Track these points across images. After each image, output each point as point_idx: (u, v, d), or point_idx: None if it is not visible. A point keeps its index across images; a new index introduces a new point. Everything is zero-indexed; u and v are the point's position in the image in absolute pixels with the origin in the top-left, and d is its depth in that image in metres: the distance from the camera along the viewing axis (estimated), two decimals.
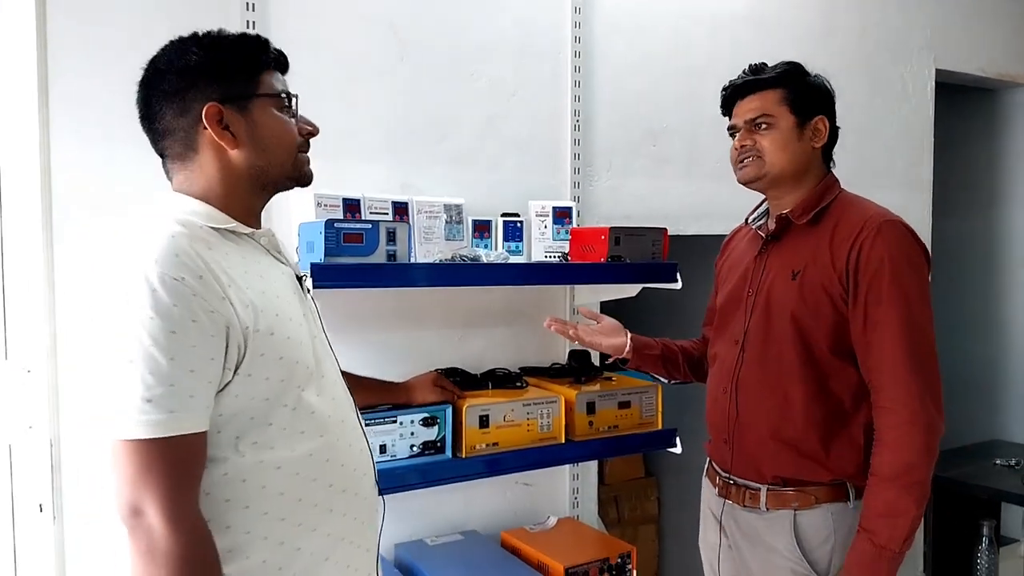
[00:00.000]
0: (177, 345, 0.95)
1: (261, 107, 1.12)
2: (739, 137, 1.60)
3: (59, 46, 1.66)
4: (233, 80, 1.10)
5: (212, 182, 1.11)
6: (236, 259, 1.07)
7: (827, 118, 1.58)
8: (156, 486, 0.95)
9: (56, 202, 1.66)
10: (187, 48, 1.11)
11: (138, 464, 0.95)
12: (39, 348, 1.60)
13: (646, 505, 3.32)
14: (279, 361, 1.05)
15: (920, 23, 3.01)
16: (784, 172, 1.56)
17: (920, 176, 3.06)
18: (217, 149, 1.10)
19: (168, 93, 1.09)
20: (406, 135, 2.07)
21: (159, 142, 1.13)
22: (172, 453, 0.96)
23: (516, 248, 2.06)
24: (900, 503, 1.40)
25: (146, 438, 0.94)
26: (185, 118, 1.09)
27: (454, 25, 2.11)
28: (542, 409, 1.89)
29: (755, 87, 1.58)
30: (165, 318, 0.95)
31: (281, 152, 1.14)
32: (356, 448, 1.17)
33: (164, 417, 0.95)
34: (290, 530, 1.06)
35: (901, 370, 1.42)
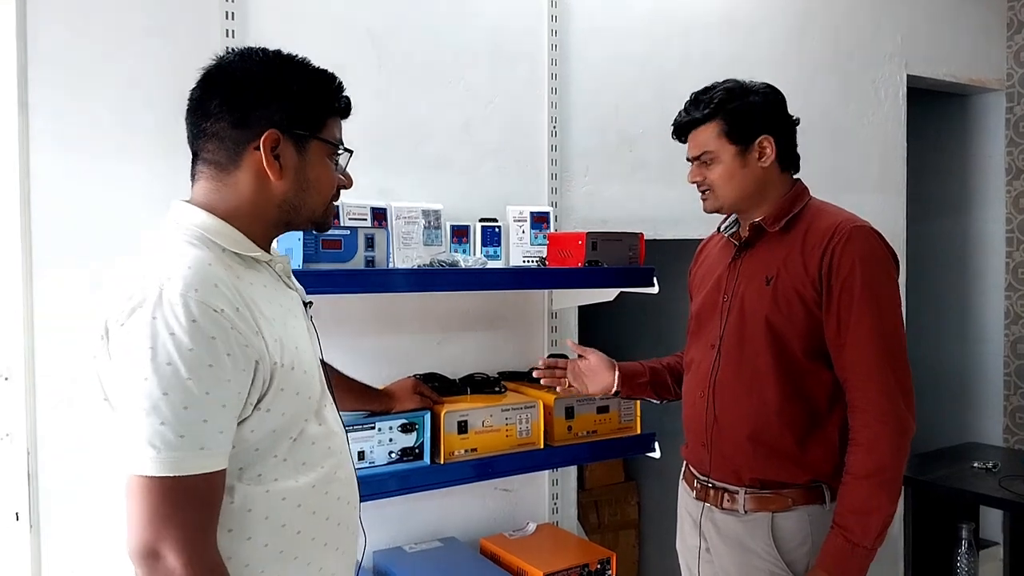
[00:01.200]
0: (214, 379, 0.91)
1: (317, 149, 1.09)
2: (690, 172, 1.65)
3: (38, 57, 1.65)
4: (302, 114, 1.07)
5: (243, 203, 1.06)
6: (260, 289, 1.04)
7: (773, 134, 1.58)
8: (178, 527, 0.90)
9: (35, 211, 1.64)
10: (273, 63, 1.07)
11: (160, 502, 0.90)
12: (16, 357, 1.59)
13: (626, 510, 3.32)
14: (295, 396, 1.03)
15: (890, 29, 3.05)
16: (738, 199, 1.60)
17: (894, 180, 3.10)
18: (260, 174, 1.05)
19: (232, 98, 1.04)
20: (384, 141, 2.06)
21: (199, 140, 1.07)
22: (197, 491, 0.91)
23: (494, 253, 2.07)
24: (873, 500, 1.43)
25: (172, 475, 0.90)
26: (240, 131, 1.04)
27: (431, 32, 2.11)
28: (521, 414, 1.89)
29: (694, 124, 1.62)
30: (205, 350, 0.91)
31: (318, 197, 1.11)
32: (348, 479, 1.14)
33: (194, 453, 0.91)
34: (287, 564, 1.03)
35: (874, 370, 1.45)
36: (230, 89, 1.04)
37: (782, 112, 1.63)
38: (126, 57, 1.73)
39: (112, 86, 1.72)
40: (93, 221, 1.70)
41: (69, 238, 1.67)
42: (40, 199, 1.65)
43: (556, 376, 1.84)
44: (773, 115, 1.61)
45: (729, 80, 1.63)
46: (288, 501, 1.02)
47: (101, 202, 1.70)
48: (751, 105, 1.59)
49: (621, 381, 1.79)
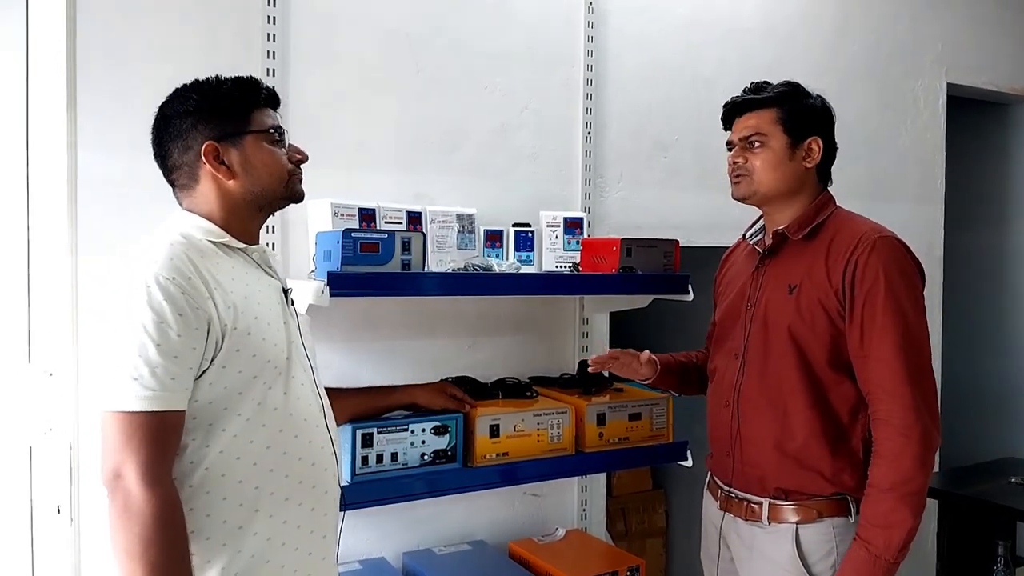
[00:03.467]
0: (163, 334, 1.10)
1: (253, 142, 1.26)
2: (732, 154, 1.64)
3: (86, 59, 1.69)
4: (227, 120, 1.25)
5: (213, 207, 1.26)
6: (225, 268, 1.22)
7: (822, 139, 1.60)
8: (135, 453, 1.07)
9: (80, 210, 1.68)
10: (188, 95, 1.27)
11: (122, 433, 1.08)
12: (62, 353, 1.63)
13: (654, 518, 3.30)
14: (252, 358, 1.18)
15: (932, 37, 3.01)
16: (774, 191, 1.59)
17: (932, 189, 3.05)
18: (216, 180, 1.25)
19: (173, 135, 1.26)
20: (420, 145, 2.08)
21: (169, 175, 1.29)
22: (152, 426, 1.09)
23: (527, 258, 2.07)
24: (896, 514, 1.42)
25: (130, 411, 1.08)
26: (187, 155, 1.25)
27: (468, 37, 2.13)
28: (552, 420, 1.89)
29: (752, 105, 1.61)
30: (156, 311, 1.10)
31: (272, 180, 1.28)
32: (316, 445, 1.27)
33: (148, 394, 1.08)
34: (248, 515, 1.17)
35: (897, 383, 1.44)
36: (168, 127, 1.26)
37: (832, 125, 1.64)
38: (168, 61, 1.76)
39: (154, 88, 1.73)
40: (135, 219, 1.72)
41: (112, 236, 1.70)
42: (86, 197, 1.69)
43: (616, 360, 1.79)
44: (826, 123, 1.62)
45: (791, 80, 1.65)
46: (243, 460, 1.17)
47: (142, 201, 1.73)
48: (810, 105, 1.61)
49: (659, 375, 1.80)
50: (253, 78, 1.30)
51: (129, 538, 1.06)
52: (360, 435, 1.67)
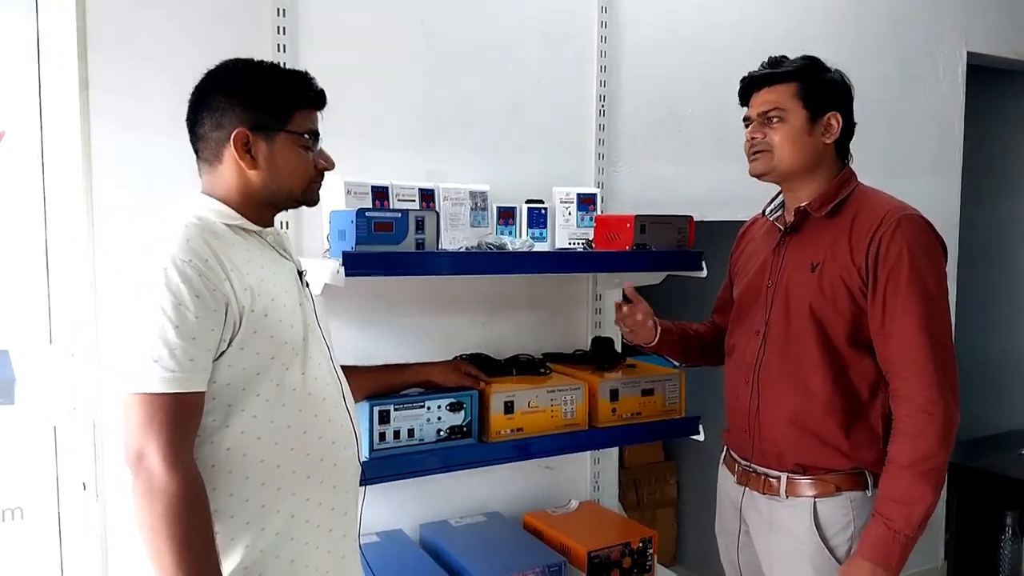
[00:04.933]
0: (182, 316, 1.11)
1: (285, 141, 1.26)
2: (751, 129, 1.62)
3: (98, 38, 1.68)
4: (266, 112, 1.25)
5: (230, 190, 1.26)
6: (241, 250, 1.22)
7: (841, 114, 1.58)
8: (157, 434, 1.09)
9: (97, 191, 1.69)
10: (237, 73, 1.27)
11: (143, 414, 1.10)
12: (82, 333, 1.66)
13: (665, 488, 3.34)
14: (269, 339, 1.20)
15: (951, 5, 2.95)
16: (793, 167, 1.58)
17: (949, 162, 3.01)
18: (237, 166, 1.25)
19: (210, 107, 1.25)
20: (432, 122, 2.07)
21: (195, 143, 1.29)
22: (173, 407, 1.10)
23: (540, 235, 2.07)
24: (916, 490, 1.43)
25: (151, 392, 1.09)
26: (218, 132, 1.24)
27: (480, 12, 2.10)
28: (566, 396, 1.91)
29: (771, 80, 1.59)
30: (174, 293, 1.11)
31: (292, 182, 1.29)
32: (336, 423, 1.29)
33: (168, 376, 1.10)
34: (270, 494, 1.19)
35: (919, 360, 1.44)
36: (208, 97, 1.25)
37: (851, 101, 1.62)
38: (180, 41, 1.76)
39: (165, 67, 1.74)
40: (151, 200, 1.73)
41: (129, 217, 1.72)
42: (102, 180, 1.70)
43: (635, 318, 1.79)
44: (845, 98, 1.61)
45: (810, 55, 1.63)
46: (263, 440, 1.19)
47: (158, 182, 1.74)
48: (829, 80, 1.60)
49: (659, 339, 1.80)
50: (306, 76, 1.29)
51: (154, 516, 1.09)
52: (377, 412, 1.70)
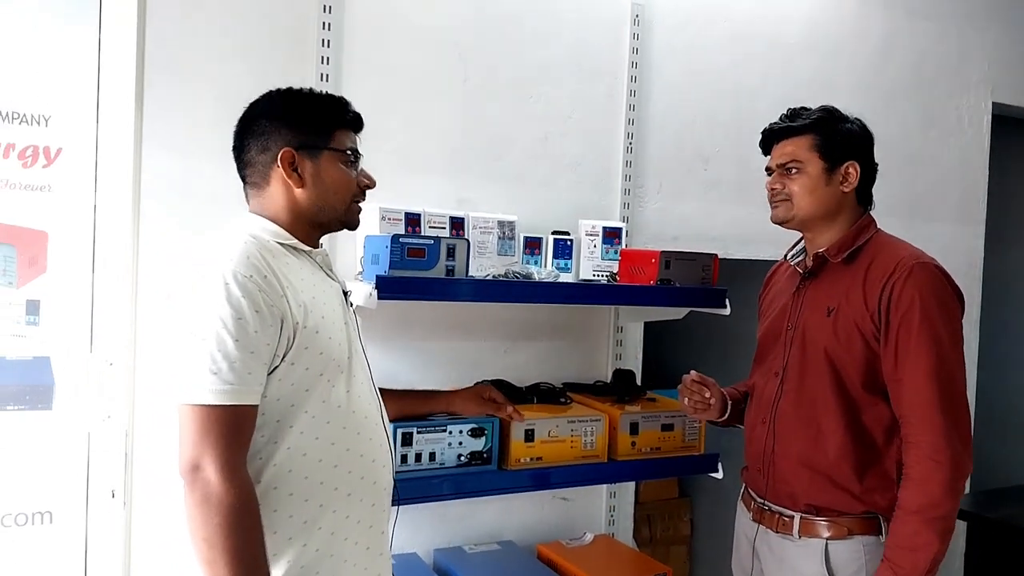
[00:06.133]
0: (241, 330, 1.14)
1: (329, 158, 1.32)
2: (770, 180, 1.67)
3: (153, 65, 1.76)
4: (309, 132, 1.30)
5: (279, 210, 1.31)
6: (295, 268, 1.26)
7: (860, 162, 1.62)
8: (213, 445, 1.11)
9: (144, 208, 1.76)
10: (278, 99, 1.34)
11: (200, 426, 1.12)
12: (122, 343, 1.71)
13: (679, 525, 3.32)
14: (319, 356, 1.23)
15: (978, 55, 2.99)
16: (812, 215, 1.62)
17: (973, 209, 3.03)
18: (285, 185, 1.30)
19: (255, 133, 1.31)
20: (465, 153, 2.13)
21: (242, 170, 1.35)
22: (230, 419, 1.12)
23: (565, 265, 2.11)
24: (922, 537, 1.44)
25: (209, 404, 1.12)
26: (264, 155, 1.30)
27: (515, 48, 2.17)
28: (586, 427, 1.93)
29: (788, 133, 1.64)
30: (235, 307, 1.14)
31: (337, 198, 1.34)
32: (376, 442, 1.32)
33: (226, 388, 1.12)
34: (312, 510, 1.21)
35: (929, 408, 1.46)
36: (253, 125, 1.32)
37: (870, 148, 1.66)
38: (228, 69, 1.83)
39: (215, 94, 1.82)
40: (194, 217, 1.80)
41: (172, 233, 1.78)
42: (148, 196, 1.77)
43: (703, 396, 1.77)
44: (863, 146, 1.64)
45: (828, 105, 1.67)
46: (309, 456, 1.21)
47: (201, 199, 1.81)
48: (847, 130, 1.63)
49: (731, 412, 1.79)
50: (343, 99, 1.36)
51: (209, 527, 1.10)
52: (401, 434, 1.73)
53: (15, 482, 1.65)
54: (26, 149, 1.66)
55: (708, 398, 1.76)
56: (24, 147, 1.66)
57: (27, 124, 1.66)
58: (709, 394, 1.76)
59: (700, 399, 1.76)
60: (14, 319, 1.65)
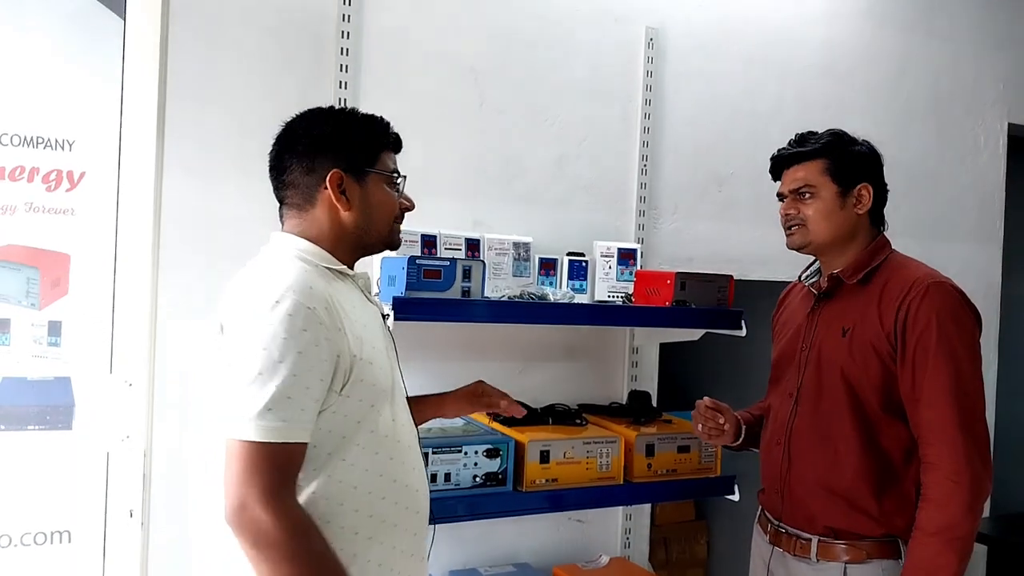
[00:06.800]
0: (301, 364, 1.09)
1: (375, 180, 1.29)
2: (784, 205, 1.67)
3: (175, 91, 1.80)
4: (357, 154, 1.27)
5: (323, 232, 1.26)
6: (346, 295, 1.22)
7: (871, 184, 1.61)
8: (259, 483, 1.06)
9: (164, 229, 1.79)
10: (324, 119, 1.29)
11: (248, 463, 1.06)
12: (141, 364, 1.73)
13: (695, 548, 3.29)
14: (371, 387, 1.19)
15: (993, 77, 2.99)
16: (828, 239, 1.62)
17: (990, 230, 3.01)
18: (332, 208, 1.26)
19: (300, 153, 1.26)
20: (480, 174, 2.15)
21: (281, 190, 1.30)
22: (279, 456, 1.08)
23: (580, 287, 2.11)
24: (941, 558, 1.42)
25: (259, 441, 1.07)
26: (310, 176, 1.26)
27: (531, 72, 2.19)
28: (602, 448, 1.92)
29: (799, 158, 1.64)
30: (296, 339, 1.09)
31: (381, 221, 1.31)
32: (417, 469, 1.29)
33: (279, 425, 1.07)
34: (362, 543, 1.17)
35: (948, 428, 1.44)
36: (296, 144, 1.27)
37: (880, 169, 1.66)
38: (247, 92, 1.87)
39: (234, 118, 1.85)
40: (212, 240, 1.83)
41: (191, 255, 1.81)
42: (169, 219, 1.80)
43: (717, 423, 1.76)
44: (874, 168, 1.65)
45: (836, 129, 1.67)
46: (359, 489, 1.17)
47: (220, 223, 1.84)
48: (857, 152, 1.63)
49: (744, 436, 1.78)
50: (384, 120, 1.33)
51: (270, 566, 1.06)
52: None
53: (34, 501, 1.67)
54: (50, 173, 1.69)
55: (722, 424, 1.75)
56: (48, 171, 1.69)
57: (51, 148, 1.70)
58: (723, 420, 1.75)
59: (714, 425, 1.76)
60: (36, 340, 1.68)
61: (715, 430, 1.76)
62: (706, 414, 1.76)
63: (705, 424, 1.76)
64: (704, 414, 1.76)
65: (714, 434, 1.77)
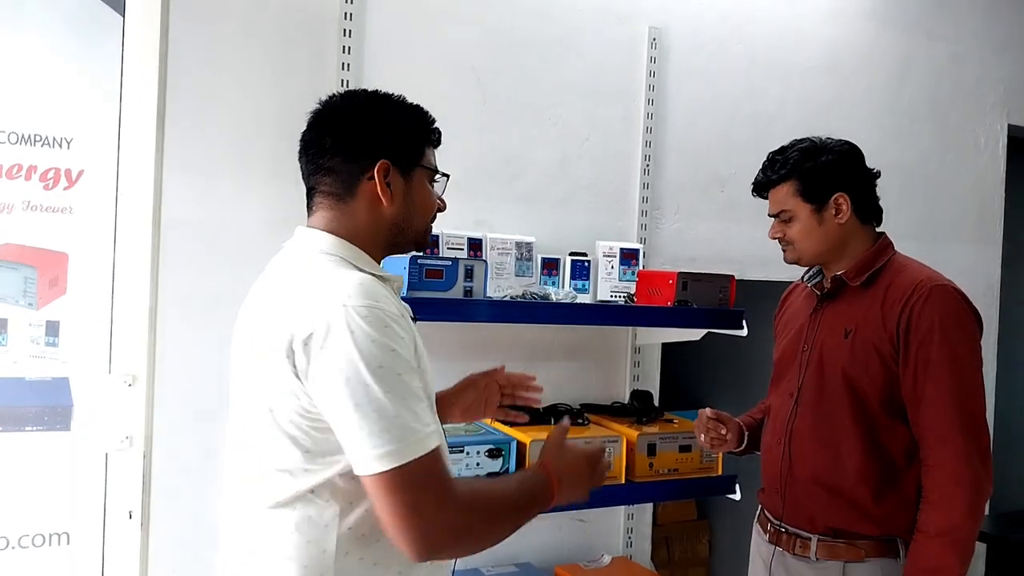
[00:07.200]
0: (411, 371, 1.02)
1: (419, 175, 1.19)
2: (772, 228, 1.68)
3: (175, 87, 1.79)
4: (407, 146, 1.17)
5: (360, 227, 1.15)
6: (394, 303, 1.09)
7: (847, 191, 1.59)
8: (434, 490, 1.00)
9: (164, 228, 1.77)
10: (374, 103, 1.17)
11: (408, 487, 0.98)
12: (140, 364, 1.72)
13: (697, 548, 3.28)
14: (429, 397, 1.10)
15: (994, 79, 2.99)
16: (817, 253, 1.63)
17: (990, 231, 3.02)
18: (374, 200, 1.14)
19: (344, 136, 1.14)
20: (483, 174, 2.14)
21: (316, 175, 1.16)
22: (431, 466, 1.01)
23: (582, 287, 2.11)
24: (943, 560, 1.43)
25: (410, 460, 0.98)
26: (353, 164, 1.14)
27: (533, 72, 2.19)
28: (604, 448, 1.91)
29: (769, 185, 1.66)
30: (401, 348, 1.01)
31: (421, 218, 1.21)
32: None
33: (421, 437, 1.00)
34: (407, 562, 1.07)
35: (949, 430, 1.45)
36: (341, 128, 1.14)
37: (858, 168, 1.63)
38: (247, 91, 1.86)
39: (233, 118, 1.84)
40: (213, 238, 1.82)
41: (191, 254, 1.80)
42: (169, 218, 1.78)
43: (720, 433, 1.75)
44: (847, 172, 1.61)
45: (804, 140, 1.65)
46: None
47: (220, 221, 1.83)
48: (824, 165, 1.60)
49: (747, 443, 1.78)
50: (429, 112, 1.22)
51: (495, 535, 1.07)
52: None
53: (33, 503, 1.65)
54: (48, 171, 1.68)
55: (724, 434, 1.75)
56: (46, 169, 1.67)
57: (49, 146, 1.68)
58: (725, 430, 1.75)
59: (717, 435, 1.76)
60: (34, 340, 1.66)
61: (718, 440, 1.76)
62: (708, 425, 1.76)
63: (708, 435, 1.76)
64: (707, 425, 1.76)
65: (717, 444, 1.77)
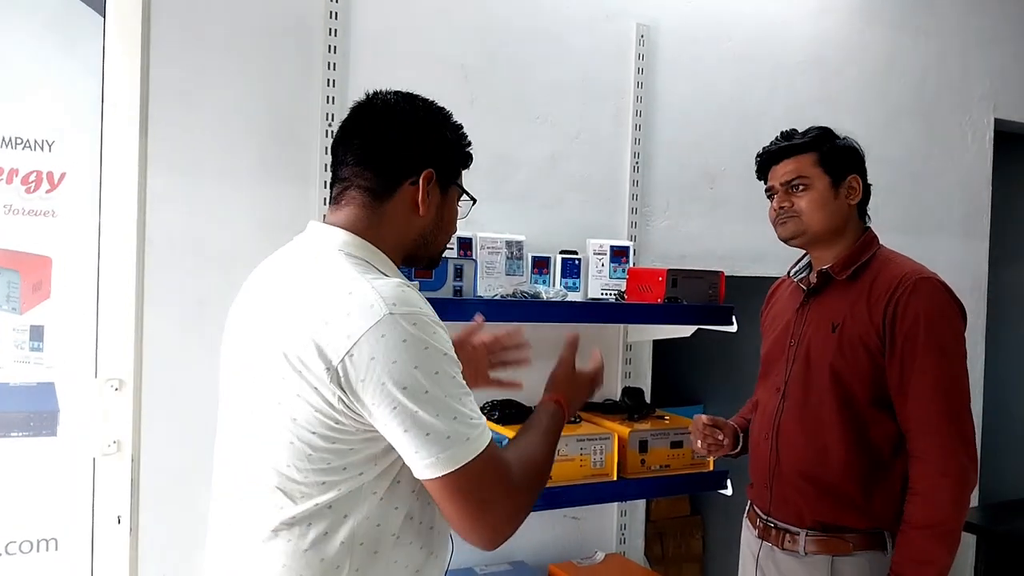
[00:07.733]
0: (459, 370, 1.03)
1: (453, 194, 1.20)
2: (777, 199, 1.67)
3: (158, 85, 1.77)
4: (452, 160, 1.18)
5: (387, 231, 1.12)
6: None
7: (860, 176, 1.64)
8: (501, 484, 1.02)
9: (149, 230, 1.76)
10: (433, 111, 1.17)
11: (478, 484, 1.00)
12: (127, 368, 1.70)
13: (691, 543, 3.29)
14: None
15: (980, 73, 3.00)
16: (823, 229, 1.62)
17: (977, 224, 3.03)
18: (410, 206, 1.12)
19: (397, 135, 1.12)
20: (472, 173, 2.09)
21: (351, 167, 1.12)
22: (492, 460, 1.02)
23: (573, 284, 2.10)
24: (930, 551, 1.44)
25: (473, 457, 0.99)
26: (398, 164, 1.11)
27: (522, 69, 2.18)
28: (595, 445, 1.91)
29: (789, 152, 1.65)
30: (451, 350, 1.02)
31: (444, 235, 1.21)
32: None
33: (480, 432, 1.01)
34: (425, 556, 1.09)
35: (935, 422, 1.46)
36: (398, 126, 1.12)
37: (864, 164, 1.68)
38: (232, 91, 1.84)
39: (218, 118, 1.82)
40: (198, 240, 1.80)
41: (177, 257, 1.78)
42: (153, 220, 1.76)
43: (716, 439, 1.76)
44: (860, 162, 1.66)
45: (820, 126, 1.68)
46: (399, 510, 1.06)
47: (206, 220, 1.81)
48: (844, 146, 1.65)
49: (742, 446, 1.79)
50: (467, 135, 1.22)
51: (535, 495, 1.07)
52: None
53: (20, 509, 1.64)
54: (30, 174, 1.66)
55: (720, 439, 1.76)
56: (28, 172, 1.66)
57: (31, 149, 1.66)
58: (721, 435, 1.76)
59: (713, 441, 1.76)
60: (18, 345, 1.64)
61: (714, 445, 1.77)
62: (705, 431, 1.76)
63: (704, 440, 1.76)
64: (703, 431, 1.76)
65: (714, 449, 1.78)
